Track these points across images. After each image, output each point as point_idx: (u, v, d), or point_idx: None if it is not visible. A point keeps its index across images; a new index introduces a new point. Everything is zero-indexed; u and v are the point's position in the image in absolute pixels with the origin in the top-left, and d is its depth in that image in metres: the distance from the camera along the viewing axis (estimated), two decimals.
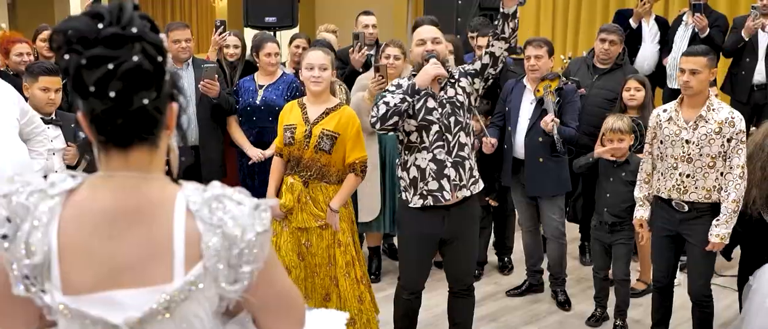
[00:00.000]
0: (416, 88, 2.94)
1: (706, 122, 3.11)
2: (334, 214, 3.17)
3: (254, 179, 4.29)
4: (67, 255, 1.06)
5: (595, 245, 3.92)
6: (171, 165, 1.18)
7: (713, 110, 3.12)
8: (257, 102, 4.27)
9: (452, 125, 3.02)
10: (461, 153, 3.04)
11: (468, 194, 3.08)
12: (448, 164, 3.01)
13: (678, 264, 3.55)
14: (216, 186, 1.14)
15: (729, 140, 3.09)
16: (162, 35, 1.09)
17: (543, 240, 4.27)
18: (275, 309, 1.21)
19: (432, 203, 3.02)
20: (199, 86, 4.12)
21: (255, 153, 4.22)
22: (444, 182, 3.01)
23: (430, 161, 3.01)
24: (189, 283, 1.07)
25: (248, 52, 4.97)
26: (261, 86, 4.33)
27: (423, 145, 3.01)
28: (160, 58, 1.06)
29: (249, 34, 5.75)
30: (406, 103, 2.93)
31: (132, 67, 1.03)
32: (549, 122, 3.80)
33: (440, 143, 3.01)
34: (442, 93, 3.06)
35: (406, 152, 3.07)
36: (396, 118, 2.92)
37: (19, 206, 1.07)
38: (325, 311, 1.63)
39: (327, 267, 3.22)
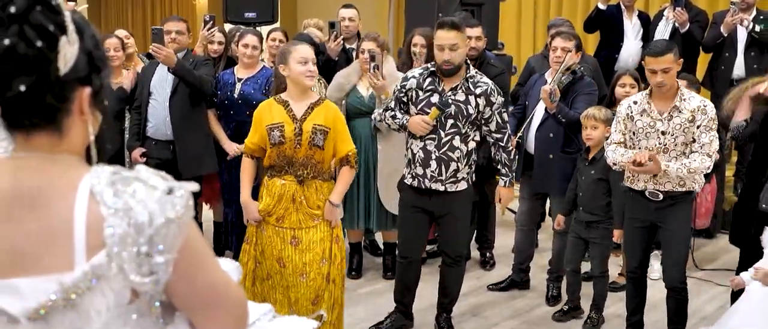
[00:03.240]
0: (406, 129, 3.34)
1: (681, 111, 3.13)
2: (335, 208, 3.09)
3: (231, 174, 4.15)
4: None
5: (571, 236, 3.85)
6: (91, 152, 1.08)
7: (685, 99, 3.15)
8: (235, 96, 4.19)
9: (447, 125, 3.24)
10: (450, 153, 3.27)
11: (442, 189, 3.31)
12: (433, 158, 3.26)
13: (650, 254, 3.54)
14: (140, 170, 1.04)
15: (698, 127, 3.11)
16: (67, 15, 1.00)
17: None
18: (202, 304, 1.11)
19: (417, 185, 3.34)
20: (150, 50, 3.98)
21: (231, 147, 4.14)
22: (428, 171, 3.29)
23: (420, 149, 3.30)
24: (90, 273, 0.99)
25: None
26: (240, 79, 4.24)
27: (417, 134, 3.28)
28: (40, 43, 0.97)
29: (227, 29, 5.68)
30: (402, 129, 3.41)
31: (2, 51, 0.95)
32: (547, 88, 3.69)
33: (432, 135, 3.26)
34: (450, 92, 3.27)
35: (409, 135, 3.37)
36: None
37: None
38: (294, 318, 1.53)
39: (319, 263, 3.08)
